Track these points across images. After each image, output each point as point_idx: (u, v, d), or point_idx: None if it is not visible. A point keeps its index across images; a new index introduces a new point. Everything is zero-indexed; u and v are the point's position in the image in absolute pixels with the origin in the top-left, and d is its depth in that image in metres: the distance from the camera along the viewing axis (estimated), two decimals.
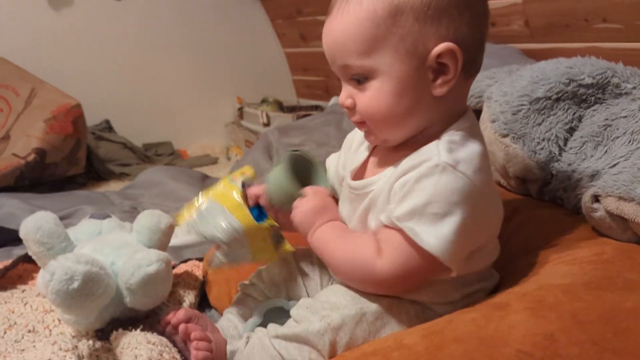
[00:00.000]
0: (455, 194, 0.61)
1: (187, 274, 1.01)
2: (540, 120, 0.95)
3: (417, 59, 0.63)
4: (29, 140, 1.74)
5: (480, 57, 0.69)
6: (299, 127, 1.98)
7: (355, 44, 0.63)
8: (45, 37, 2.28)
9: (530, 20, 1.53)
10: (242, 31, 2.79)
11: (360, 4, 0.63)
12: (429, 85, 0.64)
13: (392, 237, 0.65)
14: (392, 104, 0.65)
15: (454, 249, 0.62)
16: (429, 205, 0.61)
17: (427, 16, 0.61)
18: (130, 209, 1.46)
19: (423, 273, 0.66)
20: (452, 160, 0.62)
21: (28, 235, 0.84)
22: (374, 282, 0.67)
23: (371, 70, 0.64)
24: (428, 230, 0.61)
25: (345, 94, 0.68)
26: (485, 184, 0.65)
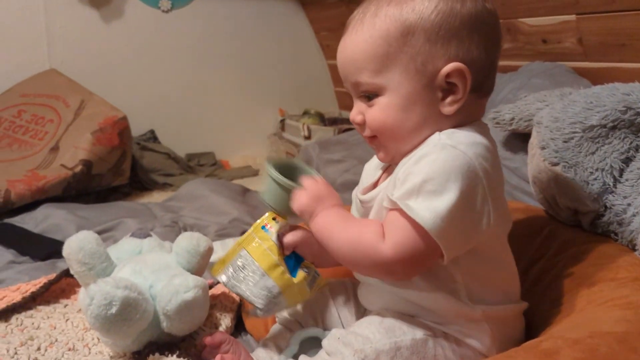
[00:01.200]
0: (454, 171, 0.61)
1: (225, 296, 1.01)
2: (594, 149, 0.90)
3: (426, 77, 0.65)
4: (76, 152, 1.78)
5: (492, 78, 0.70)
6: (340, 142, 1.96)
7: (367, 61, 0.66)
8: (96, 49, 2.35)
9: (584, 38, 1.47)
10: (286, 42, 2.80)
11: (373, 24, 0.66)
12: (437, 103, 0.66)
13: (393, 218, 0.64)
14: (399, 118, 0.67)
15: (446, 226, 0.61)
16: (426, 183, 0.61)
17: (438, 37, 0.64)
18: (172, 223, 1.47)
19: (421, 253, 0.63)
20: (453, 141, 0.63)
21: (71, 255, 0.85)
22: (378, 266, 0.66)
23: (381, 88, 0.66)
24: (423, 205, 0.61)
25: (356, 110, 0.71)
26: (489, 175, 0.63)
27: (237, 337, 0.94)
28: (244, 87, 2.73)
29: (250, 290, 0.76)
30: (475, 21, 0.65)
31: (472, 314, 0.69)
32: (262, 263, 0.77)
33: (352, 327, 0.72)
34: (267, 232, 0.79)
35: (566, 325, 0.69)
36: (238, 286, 0.77)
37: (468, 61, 0.64)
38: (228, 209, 1.59)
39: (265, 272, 0.76)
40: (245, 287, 0.77)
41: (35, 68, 2.18)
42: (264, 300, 0.76)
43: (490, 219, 0.64)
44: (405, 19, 0.64)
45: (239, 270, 0.78)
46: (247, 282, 0.77)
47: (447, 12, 0.64)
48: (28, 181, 1.68)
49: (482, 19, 0.65)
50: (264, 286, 0.76)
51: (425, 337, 0.68)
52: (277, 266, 0.77)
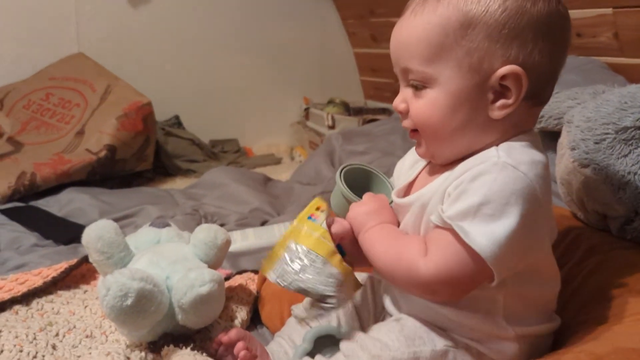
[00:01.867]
0: (515, 194, 0.58)
1: (241, 288, 1.00)
2: (627, 151, 0.86)
3: (479, 76, 0.61)
4: (101, 137, 1.80)
5: (550, 88, 0.66)
6: (364, 133, 1.94)
7: (420, 48, 0.62)
8: (123, 34, 2.36)
9: (621, 33, 1.41)
10: (313, 30, 2.77)
11: (435, 9, 0.62)
12: (487, 105, 0.62)
13: (441, 236, 0.62)
14: (444, 116, 0.63)
15: (503, 253, 0.58)
16: (483, 206, 0.58)
17: (500, 35, 0.60)
18: (192, 210, 1.48)
19: (468, 277, 0.61)
20: (513, 160, 0.59)
21: (89, 243, 0.86)
22: (417, 283, 0.64)
23: (430, 79, 0.63)
24: (480, 230, 0.58)
25: (400, 97, 0.67)
26: (546, 194, 0.61)
27: (253, 330, 0.94)
28: (269, 74, 2.72)
29: (317, 280, 0.69)
30: (544, 24, 0.60)
31: (504, 334, 0.66)
32: (320, 251, 0.71)
33: (371, 331, 0.70)
34: (315, 222, 0.74)
35: (589, 338, 0.66)
36: (299, 279, 0.70)
37: (528, 66, 0.60)
38: (249, 198, 1.59)
39: (326, 260, 0.70)
40: (311, 276, 0.69)
41: (64, 51, 2.20)
42: (334, 287, 0.70)
43: (551, 240, 0.63)
44: (468, 10, 0.60)
45: (295, 263, 0.71)
46: (309, 272, 0.70)
47: (515, 10, 0.59)
48: (53, 165, 1.70)
49: (552, 22, 0.61)
50: (330, 274, 0.70)
51: (445, 349, 0.66)
52: (335, 253, 0.71)
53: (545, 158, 0.63)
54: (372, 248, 0.69)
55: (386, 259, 0.67)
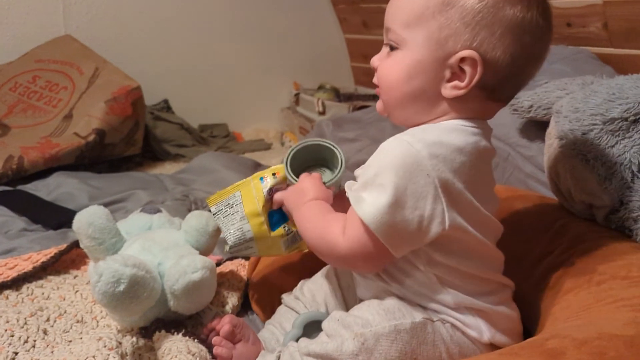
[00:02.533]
0: (402, 167, 0.62)
1: (232, 274, 1.01)
2: (614, 142, 0.88)
3: (442, 51, 0.65)
4: (89, 120, 1.78)
5: (511, 88, 0.69)
6: (355, 120, 1.94)
7: (403, 12, 0.67)
8: (110, 16, 2.33)
9: (610, 23, 1.42)
10: (304, 15, 2.75)
11: None
12: (441, 81, 0.66)
13: (351, 211, 0.66)
14: (401, 79, 0.68)
15: (386, 221, 0.62)
16: (377, 176, 0.63)
17: (472, 20, 0.63)
18: (182, 196, 1.48)
19: (373, 248, 0.65)
20: (414, 139, 0.64)
21: (80, 229, 0.86)
22: (338, 259, 0.70)
23: (402, 42, 0.67)
24: (371, 200, 0.63)
25: (377, 55, 0.72)
26: (443, 173, 0.63)
27: (243, 317, 0.94)
28: (259, 59, 2.70)
29: (228, 228, 0.86)
30: (516, 26, 0.64)
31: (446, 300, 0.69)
32: (246, 208, 0.85)
33: (352, 310, 0.72)
34: (261, 183, 0.85)
35: (573, 324, 0.68)
36: (221, 220, 0.87)
37: (488, 57, 0.64)
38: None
39: (245, 217, 0.84)
40: (226, 223, 0.86)
41: (51, 33, 2.17)
42: (236, 240, 0.85)
43: (445, 220, 0.63)
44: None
45: (228, 207, 0.86)
46: (229, 219, 0.86)
47: (492, 4, 0.63)
48: (41, 148, 1.69)
49: (525, 28, 0.64)
50: (240, 228, 0.85)
51: (424, 321, 0.68)
52: (258, 216, 0.84)
53: (468, 143, 0.65)
54: (302, 225, 0.75)
55: (313, 236, 0.72)
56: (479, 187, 0.67)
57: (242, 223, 0.85)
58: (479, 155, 0.67)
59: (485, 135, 0.69)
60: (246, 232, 0.85)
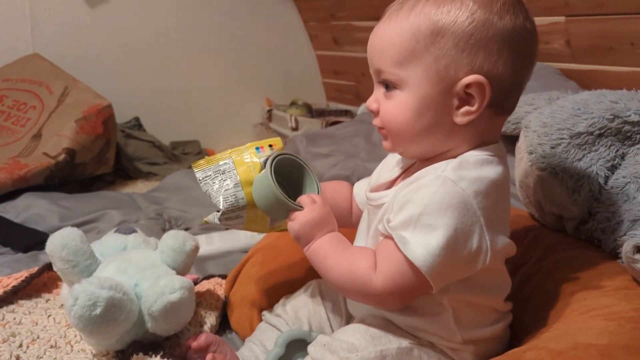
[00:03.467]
0: (451, 208, 0.61)
1: (210, 293, 1.00)
2: (581, 155, 0.91)
3: (445, 82, 0.64)
4: (59, 140, 1.76)
5: (514, 98, 0.69)
6: (328, 135, 1.95)
7: (392, 51, 0.65)
8: (81, 34, 2.31)
9: (572, 40, 1.48)
10: (275, 31, 2.77)
11: (407, 16, 0.65)
12: (451, 111, 0.65)
13: (386, 248, 0.65)
14: (410, 119, 0.66)
15: (438, 263, 0.61)
16: (422, 216, 0.62)
17: (467, 45, 0.63)
18: (156, 215, 1.46)
19: (412, 286, 0.64)
20: (455, 176, 0.63)
21: (54, 252, 0.84)
22: (369, 297, 0.68)
23: (400, 81, 0.66)
24: (417, 240, 0.61)
25: (373, 97, 0.70)
26: (487, 210, 0.63)
27: (222, 336, 0.93)
28: (230, 75, 2.70)
29: (219, 192, 0.79)
30: (509, 38, 0.63)
31: (454, 338, 0.69)
32: (241, 175, 0.79)
33: (337, 333, 0.72)
34: (258, 152, 0.81)
35: (549, 335, 0.69)
36: (210, 185, 0.80)
37: (491, 76, 0.63)
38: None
39: (239, 184, 0.79)
40: (218, 188, 0.80)
41: (19, 52, 2.13)
42: (229, 206, 0.79)
43: (487, 256, 0.64)
44: (438, 20, 0.63)
45: (218, 173, 0.80)
46: (220, 185, 0.80)
47: (482, 23, 0.62)
48: (9, 169, 1.65)
49: (518, 37, 0.64)
50: (234, 194, 0.79)
51: (410, 346, 0.68)
52: (252, 184, 0.79)
53: (497, 174, 0.65)
54: (323, 263, 0.70)
55: (338, 274, 0.69)
56: (506, 215, 0.69)
57: (236, 189, 0.79)
58: (505, 183, 0.67)
59: (503, 159, 0.69)
60: (240, 199, 0.79)
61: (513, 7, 0.64)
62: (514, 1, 0.65)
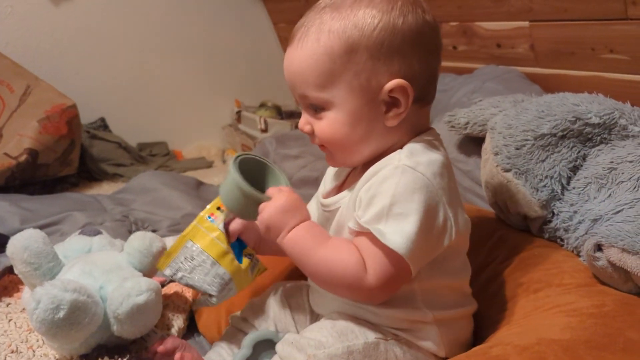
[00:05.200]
0: (416, 192, 0.64)
1: (177, 296, 0.99)
2: (544, 156, 0.93)
3: (370, 93, 0.66)
4: (21, 140, 1.70)
5: (432, 88, 0.72)
6: (298, 137, 1.95)
7: (312, 76, 0.67)
8: (44, 32, 2.24)
9: (536, 45, 1.51)
10: (244, 33, 2.75)
11: (317, 40, 0.66)
12: (381, 116, 0.68)
13: (366, 245, 0.66)
14: (346, 133, 0.68)
15: (416, 246, 0.63)
16: (393, 206, 0.63)
17: (381, 54, 0.65)
18: (122, 217, 1.43)
19: (397, 276, 0.66)
20: (412, 162, 0.65)
21: (15, 254, 0.82)
22: (362, 295, 0.68)
23: (326, 102, 0.67)
24: (393, 229, 0.63)
25: (304, 120, 0.72)
26: (446, 188, 0.66)
27: (190, 339, 0.93)
28: (199, 76, 2.67)
29: (203, 280, 0.77)
30: (417, 36, 0.66)
31: (424, 318, 0.71)
32: (211, 252, 0.77)
33: (304, 331, 0.72)
34: (213, 222, 0.79)
35: (514, 331, 0.71)
36: (188, 277, 0.77)
37: (410, 76, 0.66)
38: (181, 203, 1.56)
39: (216, 261, 0.77)
40: (198, 277, 0.77)
41: None
42: (218, 288, 0.77)
43: (453, 232, 0.67)
44: (348, 37, 0.65)
45: (187, 262, 0.77)
46: (197, 272, 0.77)
47: (389, 29, 0.65)
48: None
49: (423, 32, 0.67)
50: (216, 274, 0.77)
51: (376, 341, 0.69)
52: (227, 254, 0.78)
53: (442, 155, 0.69)
54: (302, 252, 0.69)
55: (323, 268, 0.68)
56: (458, 193, 0.72)
57: (216, 268, 0.77)
58: (449, 164, 0.70)
59: (441, 143, 0.73)
60: (223, 274, 0.77)
61: (412, 6, 0.67)
62: (412, 1, 0.67)
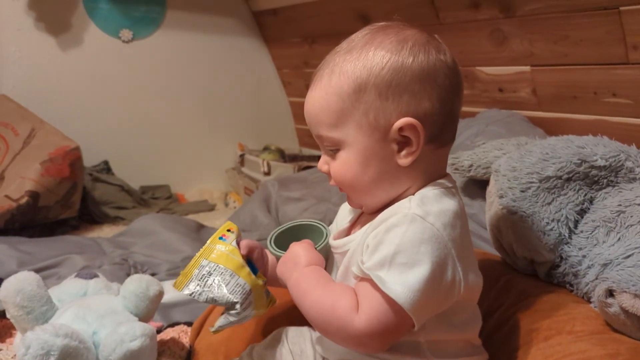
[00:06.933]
0: (423, 244, 0.62)
1: (174, 342, 0.96)
2: (550, 199, 0.91)
3: (379, 132, 0.66)
4: (23, 183, 1.70)
5: (450, 127, 0.71)
6: (300, 180, 1.95)
7: (324, 116, 0.68)
8: (50, 77, 2.28)
9: (538, 89, 1.52)
10: (248, 78, 2.80)
11: (330, 80, 0.67)
12: (393, 155, 0.67)
13: (365, 289, 0.64)
14: (358, 173, 0.68)
15: (419, 299, 0.60)
16: (397, 255, 0.61)
17: (389, 93, 0.65)
18: (121, 260, 1.41)
19: (394, 326, 0.63)
20: (422, 211, 0.64)
21: (7, 297, 0.80)
22: (350, 338, 0.64)
23: (339, 142, 0.68)
24: (395, 279, 0.61)
25: (322, 160, 0.73)
26: (456, 241, 0.64)
27: None
28: (203, 120, 2.70)
29: (225, 289, 0.75)
30: (428, 74, 0.65)
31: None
32: (229, 265, 0.76)
33: None
34: (225, 241, 0.79)
35: None
36: (208, 290, 0.75)
37: (421, 115, 0.65)
38: (181, 246, 1.54)
39: (234, 272, 0.76)
40: (218, 288, 0.75)
41: None
42: (241, 295, 0.75)
43: (461, 285, 0.65)
44: (357, 77, 0.66)
45: (205, 277, 0.76)
46: (217, 283, 0.75)
47: (398, 68, 0.65)
48: None
49: (435, 71, 0.66)
50: (237, 283, 0.76)
51: None
52: (243, 267, 0.77)
53: (456, 205, 0.67)
54: (304, 299, 0.69)
55: (319, 312, 0.66)
56: (470, 245, 0.69)
57: (235, 278, 0.76)
58: (464, 214, 0.68)
59: (457, 190, 0.70)
60: (243, 284, 0.76)
61: (423, 46, 0.66)
62: (423, 41, 0.67)
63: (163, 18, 2.52)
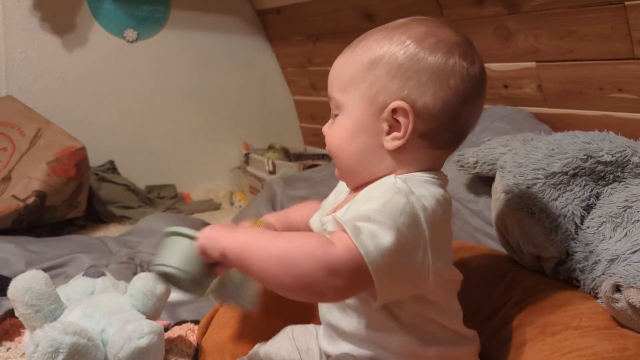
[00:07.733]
0: (403, 215, 0.61)
1: (181, 340, 0.96)
2: (556, 195, 0.91)
3: (375, 107, 0.68)
4: (29, 182, 1.71)
5: (449, 132, 0.70)
6: (305, 178, 1.94)
7: (338, 79, 0.71)
8: (56, 77, 2.29)
9: (544, 85, 1.51)
10: (253, 77, 2.80)
11: (354, 50, 0.71)
12: (381, 135, 0.68)
13: (340, 234, 0.61)
14: (344, 141, 0.70)
15: (386, 265, 0.59)
16: (378, 213, 0.61)
17: (397, 73, 0.67)
18: (128, 259, 1.42)
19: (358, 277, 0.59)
20: (407, 188, 0.64)
21: (16, 296, 0.80)
22: (325, 268, 0.58)
23: (341, 105, 0.70)
24: (370, 234, 0.59)
25: (327, 124, 0.75)
26: (433, 227, 0.63)
27: None
28: (208, 119, 2.70)
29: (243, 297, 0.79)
30: (440, 72, 0.66)
31: (426, 354, 0.68)
32: None
33: None
34: None
35: None
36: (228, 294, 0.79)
37: (419, 106, 0.66)
38: None
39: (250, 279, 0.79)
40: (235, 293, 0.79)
41: None
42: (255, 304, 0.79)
43: (429, 272, 0.63)
44: (376, 51, 0.68)
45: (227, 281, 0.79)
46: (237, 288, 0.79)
47: (413, 55, 0.66)
48: None
49: (450, 72, 0.66)
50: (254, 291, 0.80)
51: None
52: None
53: (440, 194, 0.66)
54: (251, 246, 0.62)
55: (276, 253, 0.60)
56: (448, 238, 0.69)
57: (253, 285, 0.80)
58: (448, 206, 0.68)
59: (445, 185, 0.71)
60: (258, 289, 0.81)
61: (448, 46, 0.67)
62: (452, 43, 0.67)
63: (167, 18, 2.52)
